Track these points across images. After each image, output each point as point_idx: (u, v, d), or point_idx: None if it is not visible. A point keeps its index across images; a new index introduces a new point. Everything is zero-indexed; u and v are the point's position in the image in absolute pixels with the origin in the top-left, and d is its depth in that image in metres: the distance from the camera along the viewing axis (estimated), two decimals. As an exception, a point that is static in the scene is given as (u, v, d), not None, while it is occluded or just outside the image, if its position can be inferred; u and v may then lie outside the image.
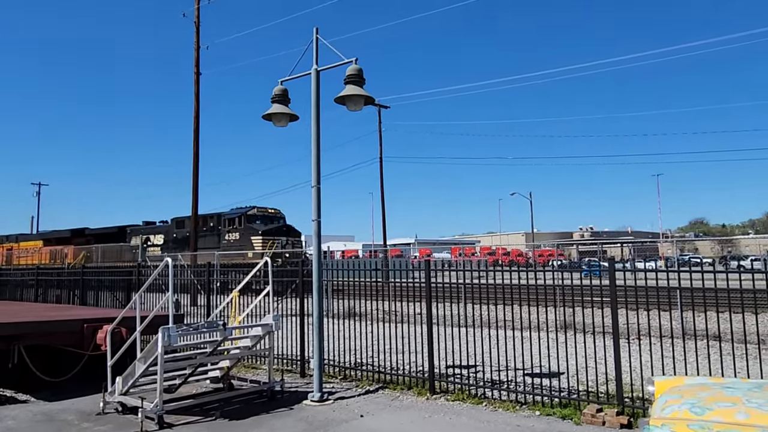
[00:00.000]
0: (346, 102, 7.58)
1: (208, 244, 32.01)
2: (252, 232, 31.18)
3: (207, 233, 32.63)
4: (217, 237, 32.54)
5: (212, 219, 33.50)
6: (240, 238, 31.41)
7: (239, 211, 32.61)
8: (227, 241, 31.86)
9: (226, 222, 32.38)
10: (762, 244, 56.50)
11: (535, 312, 12.07)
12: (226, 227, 32.24)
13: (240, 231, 31.67)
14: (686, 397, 3.45)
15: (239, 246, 30.86)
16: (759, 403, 3.17)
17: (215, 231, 32.82)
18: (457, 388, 7.70)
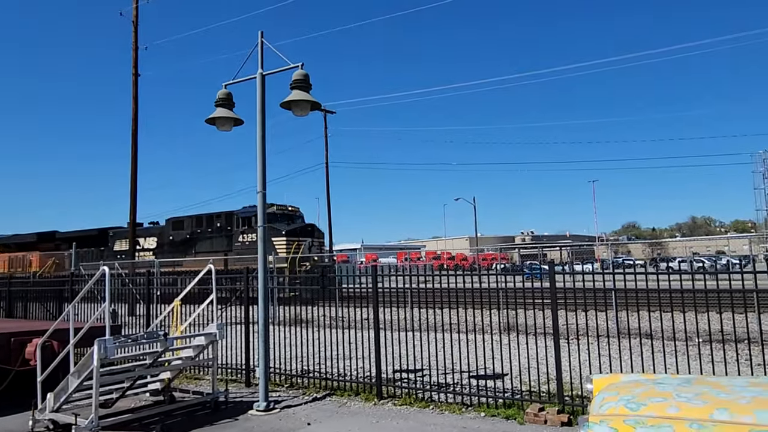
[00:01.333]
0: (292, 107, 7.52)
1: (216, 247, 29.15)
2: (274, 233, 27.24)
3: (214, 235, 29.71)
4: (227, 239, 29.27)
5: (219, 219, 30.02)
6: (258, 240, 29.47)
7: (249, 210, 29.14)
8: (241, 243, 28.45)
9: (239, 222, 28.90)
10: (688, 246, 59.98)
11: (479, 315, 12.33)
12: (239, 227, 28.81)
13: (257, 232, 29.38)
14: (622, 393, 3.61)
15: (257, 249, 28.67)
16: (688, 397, 3.36)
17: (224, 232, 29.56)
18: (405, 392, 7.75)
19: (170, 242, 31.33)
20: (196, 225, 30.63)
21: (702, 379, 3.95)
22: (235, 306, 10.07)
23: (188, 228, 30.70)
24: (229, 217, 29.47)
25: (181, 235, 30.93)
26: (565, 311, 10.60)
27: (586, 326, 8.59)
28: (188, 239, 30.45)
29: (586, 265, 28.66)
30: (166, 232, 32.04)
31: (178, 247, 30.51)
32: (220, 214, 29.95)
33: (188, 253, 29.64)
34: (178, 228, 31.41)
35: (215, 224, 29.83)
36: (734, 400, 3.25)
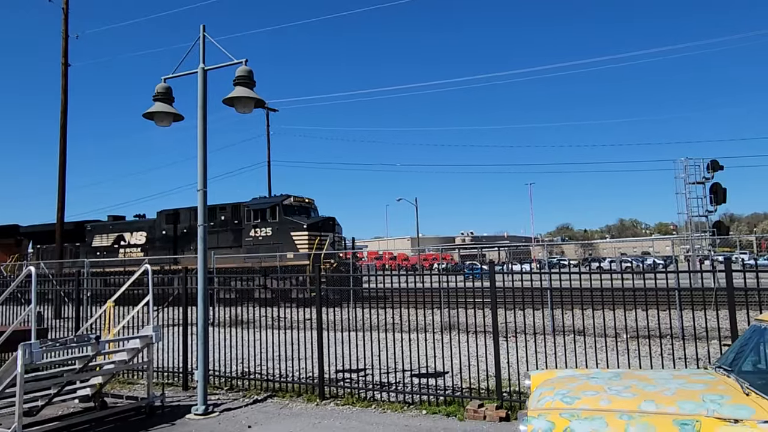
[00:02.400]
0: (235, 104, 7.36)
1: (222, 242, 25.88)
2: (293, 227, 24.68)
3: (219, 229, 26.21)
4: (235, 234, 26.14)
5: (224, 211, 26.60)
6: (274, 235, 24.93)
7: (270, 200, 26.11)
8: (254, 238, 25.46)
9: (250, 214, 25.75)
10: (616, 247, 63.15)
11: (421, 314, 12.49)
12: (251, 221, 25.64)
13: (274, 225, 25.04)
14: (558, 388, 3.77)
15: (273, 244, 24.36)
16: (618, 390, 3.55)
17: (230, 226, 26.31)
18: (347, 392, 7.75)
19: (163, 237, 27.92)
20: (196, 218, 28.47)
21: (631, 373, 4.18)
22: (173, 307, 9.75)
23: (185, 221, 27.32)
24: (237, 210, 26.33)
25: (177, 229, 27.67)
26: (504, 310, 10.91)
27: (524, 324, 8.88)
28: (186, 234, 27.02)
29: (523, 265, 29.60)
30: (157, 225, 28.51)
31: (173, 243, 27.31)
32: (225, 206, 26.69)
33: (185, 249, 26.63)
34: (172, 221, 27.95)
35: (219, 217, 26.48)
36: (660, 391, 3.46)
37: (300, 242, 24.14)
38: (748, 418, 3.02)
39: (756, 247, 47.30)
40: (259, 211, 25.53)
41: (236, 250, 25.12)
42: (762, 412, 3.05)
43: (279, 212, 25.03)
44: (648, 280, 7.11)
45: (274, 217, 25.13)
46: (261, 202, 25.99)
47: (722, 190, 23.29)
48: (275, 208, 25.19)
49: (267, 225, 25.18)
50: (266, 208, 25.40)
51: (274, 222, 25.04)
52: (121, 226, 30.29)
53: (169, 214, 28.00)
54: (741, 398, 3.23)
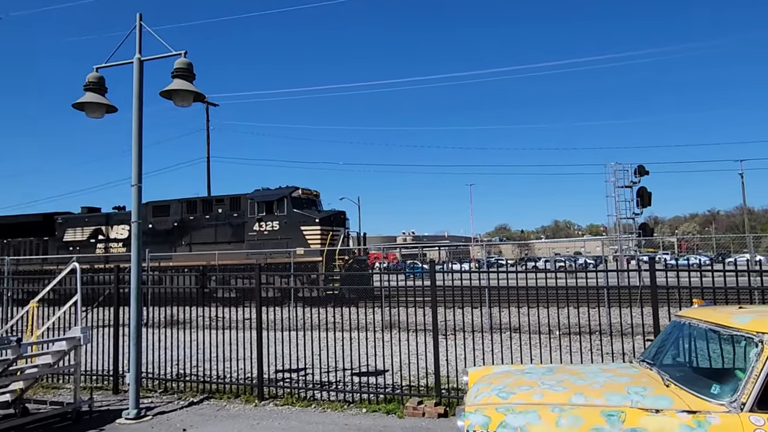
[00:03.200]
0: (173, 97, 7.12)
1: (220, 237, 24.03)
2: (304, 221, 22.90)
3: (216, 223, 24.40)
4: (235, 228, 24.00)
5: (221, 204, 24.53)
6: (281, 229, 23.07)
7: (277, 192, 23.82)
8: (258, 232, 23.41)
9: (254, 207, 23.63)
10: (551, 247, 65.58)
11: (363, 313, 12.52)
12: (255, 214, 23.58)
13: (282, 219, 23.14)
14: (494, 384, 3.89)
15: (281, 239, 22.64)
16: (551, 384, 3.70)
17: (230, 219, 24.21)
18: (287, 392, 7.66)
19: (150, 231, 25.20)
20: (188, 210, 25.12)
21: (563, 367, 4.36)
22: (104, 307, 9.32)
23: (176, 214, 25.12)
24: (238, 202, 24.26)
25: (166, 222, 25.26)
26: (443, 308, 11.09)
27: (463, 322, 9.07)
28: (177, 228, 24.98)
29: (463, 264, 30.23)
30: (143, 218, 26.44)
31: (162, 238, 24.94)
32: (222, 198, 24.80)
33: (176, 244, 24.74)
34: (161, 214, 25.49)
35: (215, 210, 24.58)
36: (589, 385, 3.63)
37: (311, 237, 22.48)
38: (667, 408, 3.22)
39: (677, 248, 50.38)
40: (264, 204, 23.47)
41: (237, 245, 23.30)
42: (680, 402, 3.26)
43: (287, 205, 23.15)
44: (579, 279, 7.44)
45: (281, 210, 23.20)
46: (267, 193, 23.87)
47: (648, 194, 24.62)
48: (283, 200, 23.21)
49: (273, 219, 23.19)
50: (273, 201, 23.33)
51: (281, 215, 23.16)
52: (100, 219, 27.18)
53: (158, 207, 25.62)
54: (662, 389, 3.44)
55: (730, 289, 6.35)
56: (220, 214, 24.44)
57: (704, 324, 3.74)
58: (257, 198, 23.61)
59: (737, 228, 68.19)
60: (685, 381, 3.49)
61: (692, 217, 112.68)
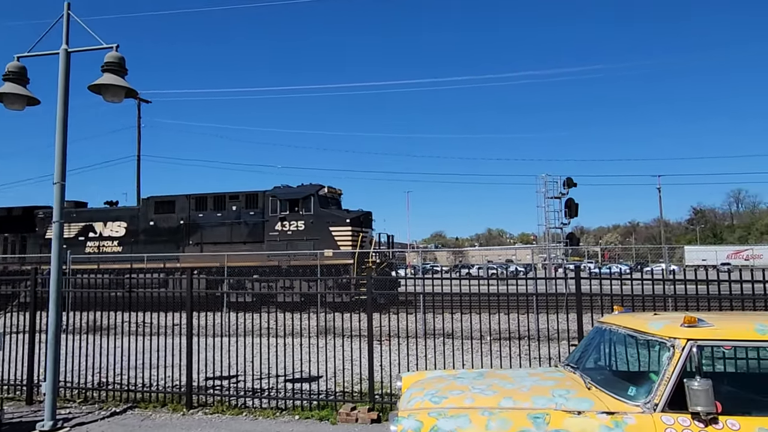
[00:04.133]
0: (102, 92, 6.79)
1: (235, 237, 22.09)
2: (333, 221, 21.35)
3: (230, 221, 22.34)
4: (252, 227, 22.07)
5: (235, 200, 22.47)
6: (307, 229, 21.44)
7: (302, 190, 22.09)
8: (280, 232, 21.63)
9: (276, 205, 21.82)
10: (484, 254, 67.43)
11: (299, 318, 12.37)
12: (277, 212, 21.80)
13: (308, 219, 21.52)
14: (427, 389, 3.96)
15: (307, 240, 21.08)
16: (481, 389, 3.81)
17: (246, 218, 22.24)
18: (217, 400, 7.46)
19: (150, 229, 23.19)
20: (197, 207, 22.93)
21: (493, 372, 4.49)
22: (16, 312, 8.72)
23: (183, 211, 22.94)
24: (255, 199, 22.30)
25: (171, 220, 23.07)
26: (378, 314, 11.15)
27: (398, 328, 9.16)
28: (183, 226, 22.88)
29: (400, 270, 30.49)
30: (143, 215, 23.64)
31: (166, 237, 22.89)
32: (237, 194, 22.65)
33: (183, 244, 22.70)
34: (164, 210, 23.27)
35: (229, 207, 22.52)
36: (517, 389, 3.76)
37: (341, 238, 21.07)
38: (588, 410, 3.40)
39: (600, 257, 53.08)
40: (287, 202, 21.78)
41: (255, 246, 21.68)
42: (600, 404, 3.44)
43: (314, 204, 21.59)
44: (510, 287, 7.69)
45: (307, 208, 21.61)
46: (291, 191, 22.17)
47: (575, 205, 25.87)
48: (309, 198, 21.64)
49: (299, 218, 21.57)
50: (298, 199, 21.69)
51: (308, 215, 21.56)
52: (90, 215, 24.43)
53: (161, 203, 23.39)
54: (584, 392, 3.62)
55: (648, 296, 6.76)
56: (233, 211, 22.47)
57: (623, 330, 3.96)
58: (281, 195, 21.93)
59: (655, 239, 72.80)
60: (605, 384, 3.68)
61: (615, 228, 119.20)
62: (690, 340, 3.37)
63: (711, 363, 4.12)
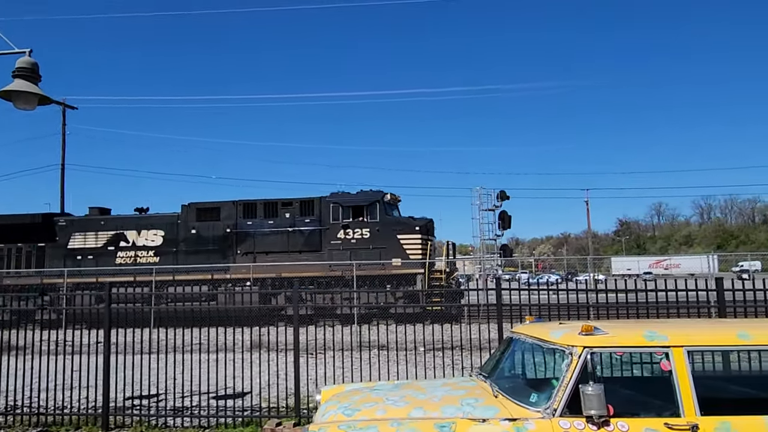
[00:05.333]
0: (13, 98, 6.47)
1: (292, 246, 20.52)
2: (401, 228, 20.24)
3: (286, 229, 20.76)
4: (308, 235, 20.64)
5: (290, 207, 20.91)
6: (373, 237, 20.17)
7: (367, 196, 20.79)
8: (343, 240, 20.30)
9: (338, 212, 20.47)
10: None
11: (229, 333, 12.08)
12: (340, 219, 20.48)
13: (373, 226, 20.25)
14: (342, 402, 3.98)
15: (373, 249, 19.85)
16: (394, 400, 3.88)
17: (300, 226, 20.76)
18: (136, 420, 7.17)
19: (192, 238, 21.27)
20: (246, 215, 21.26)
21: (410, 383, 4.58)
22: None
23: (229, 218, 21.22)
24: (311, 206, 20.86)
25: (216, 228, 21.28)
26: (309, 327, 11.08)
27: (325, 340, 9.13)
28: (231, 234, 21.18)
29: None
30: (183, 223, 21.59)
31: (210, 246, 21.13)
32: (291, 201, 21.13)
33: (229, 254, 21.02)
34: (208, 217, 21.45)
35: (282, 214, 20.93)
36: (429, 399, 3.86)
37: (410, 247, 20.05)
38: (492, 417, 3.53)
39: (534, 267, 54.95)
40: (351, 208, 20.51)
41: (311, 255, 20.44)
42: (505, 411, 3.58)
43: (380, 210, 20.42)
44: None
45: (373, 215, 20.41)
46: (355, 197, 20.91)
47: (508, 217, 26.70)
48: (375, 205, 20.42)
49: (363, 225, 20.37)
50: (363, 205, 20.46)
51: (373, 222, 20.37)
52: (121, 222, 22.20)
53: (204, 210, 21.58)
54: (491, 400, 3.75)
55: (563, 306, 7.10)
56: (287, 219, 20.97)
57: (530, 339, 4.15)
58: (344, 202, 20.64)
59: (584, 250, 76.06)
60: (511, 391, 3.84)
61: (548, 239, 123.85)
62: (586, 347, 3.57)
63: (610, 368, 4.38)
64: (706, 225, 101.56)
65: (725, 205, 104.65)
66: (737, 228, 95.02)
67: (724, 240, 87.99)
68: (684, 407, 3.42)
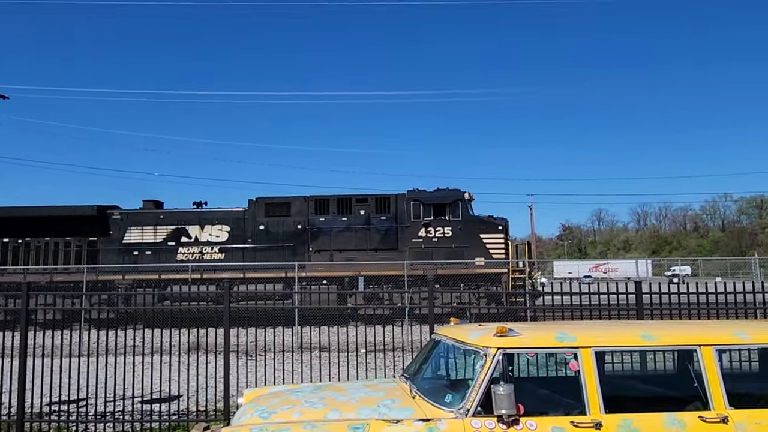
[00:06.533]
0: None
1: (368, 243, 20.01)
2: (484, 228, 19.91)
3: (362, 226, 20.17)
4: (384, 233, 20.18)
5: (365, 204, 20.40)
6: (455, 236, 19.75)
7: (448, 194, 20.36)
8: (425, 239, 19.87)
9: (419, 210, 20.01)
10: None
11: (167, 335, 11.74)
12: (421, 218, 20.00)
13: (455, 225, 19.85)
14: (260, 404, 3.94)
15: (456, 248, 19.43)
16: (312, 402, 3.86)
17: (376, 224, 20.24)
18: (55, 427, 6.85)
19: (260, 234, 20.42)
20: (318, 211, 20.62)
21: (331, 385, 4.58)
22: None
23: (300, 215, 20.50)
24: (387, 202, 20.43)
25: (286, 224, 20.51)
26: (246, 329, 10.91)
27: (274, 342, 9.00)
28: (303, 231, 20.43)
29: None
30: (251, 218, 20.69)
31: (279, 242, 20.31)
32: (366, 197, 20.59)
33: (300, 250, 20.18)
34: (278, 213, 20.64)
35: (356, 211, 20.37)
36: (347, 401, 3.87)
37: (494, 247, 19.75)
38: (407, 418, 3.57)
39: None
40: (432, 207, 20.08)
41: (387, 253, 19.87)
42: (420, 412, 3.63)
43: (462, 209, 20.03)
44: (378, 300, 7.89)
45: (455, 214, 19.99)
46: (435, 195, 20.50)
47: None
48: (457, 203, 20.04)
49: (446, 224, 19.95)
50: (446, 204, 20.05)
51: (455, 221, 19.97)
52: (183, 216, 21.08)
53: (273, 204, 20.72)
54: (408, 401, 3.80)
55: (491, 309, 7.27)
56: (362, 216, 20.39)
57: (451, 340, 4.22)
58: (425, 200, 20.23)
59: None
60: (428, 392, 3.89)
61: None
62: (500, 348, 3.67)
63: (527, 369, 4.52)
64: (642, 231, 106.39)
65: (660, 212, 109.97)
66: (671, 234, 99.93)
67: (659, 246, 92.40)
68: (590, 406, 3.57)
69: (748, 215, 79.29)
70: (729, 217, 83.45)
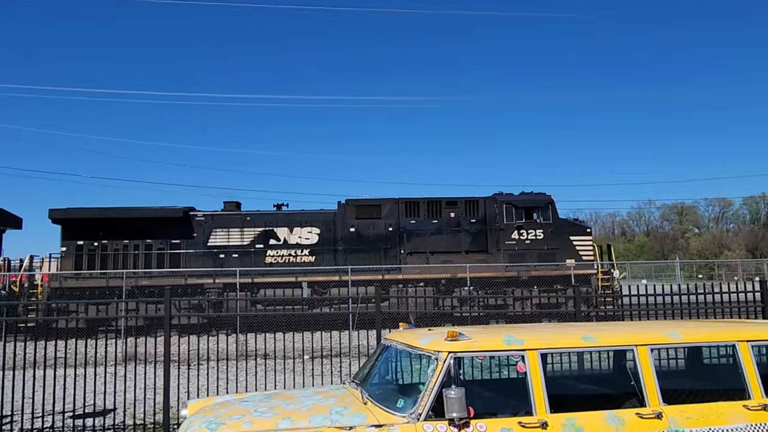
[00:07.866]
0: None
1: (459, 246, 19.92)
2: (574, 230, 20.37)
3: (453, 229, 20.09)
4: (476, 235, 20.14)
5: (455, 207, 20.33)
6: (546, 238, 19.86)
7: (538, 197, 20.56)
8: (517, 241, 19.88)
9: (511, 212, 20.02)
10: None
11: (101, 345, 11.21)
12: (513, 220, 19.96)
13: (546, 227, 19.97)
14: (207, 415, 3.82)
15: (547, 250, 19.61)
16: (262, 411, 3.79)
17: (466, 227, 20.17)
18: (-25, 447, 6.39)
19: (351, 236, 19.87)
20: (408, 213, 20.26)
21: (281, 393, 4.50)
22: None
23: (390, 216, 20.10)
24: (476, 205, 20.43)
25: (377, 226, 20.05)
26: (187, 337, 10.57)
27: (217, 350, 8.75)
28: (392, 233, 20.03)
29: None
30: (340, 220, 20.05)
31: (369, 245, 19.86)
32: (455, 200, 20.47)
33: (391, 253, 19.83)
34: (369, 215, 20.17)
35: (446, 214, 20.23)
36: (298, 409, 3.81)
37: (583, 249, 20.11)
38: (359, 425, 3.56)
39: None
40: (523, 209, 20.20)
41: (478, 255, 19.89)
42: (372, 418, 3.62)
43: (552, 212, 20.32)
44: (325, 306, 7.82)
45: (546, 217, 20.21)
46: (525, 198, 20.62)
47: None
48: (548, 206, 20.30)
49: (537, 227, 20.12)
50: (537, 206, 20.27)
51: (546, 223, 20.15)
52: (270, 218, 20.20)
53: (364, 207, 20.30)
54: (360, 408, 3.78)
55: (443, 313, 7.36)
56: (452, 218, 20.35)
57: (401, 345, 4.25)
58: (517, 203, 20.32)
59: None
60: (380, 398, 3.90)
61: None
62: (450, 352, 3.72)
63: (480, 371, 4.61)
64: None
65: (590, 218, 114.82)
66: (601, 239, 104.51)
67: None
68: (536, 406, 3.68)
69: (670, 221, 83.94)
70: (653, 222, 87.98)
